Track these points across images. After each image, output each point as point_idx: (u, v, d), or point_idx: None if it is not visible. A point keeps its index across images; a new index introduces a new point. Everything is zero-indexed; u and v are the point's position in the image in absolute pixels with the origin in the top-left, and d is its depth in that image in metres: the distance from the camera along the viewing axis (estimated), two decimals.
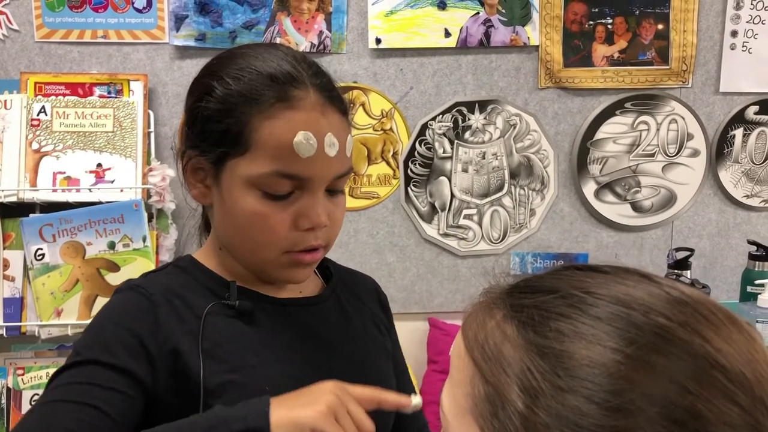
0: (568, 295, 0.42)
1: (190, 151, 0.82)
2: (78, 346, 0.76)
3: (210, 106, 0.78)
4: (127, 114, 1.73)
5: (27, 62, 1.80)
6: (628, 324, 0.40)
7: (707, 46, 1.98)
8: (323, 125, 0.78)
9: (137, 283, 0.81)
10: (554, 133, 1.98)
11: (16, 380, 1.68)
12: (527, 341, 0.41)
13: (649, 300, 0.41)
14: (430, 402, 1.92)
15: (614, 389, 0.37)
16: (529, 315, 0.42)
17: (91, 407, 0.70)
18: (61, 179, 1.69)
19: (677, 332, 0.39)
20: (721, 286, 2.06)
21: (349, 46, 1.89)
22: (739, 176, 2.04)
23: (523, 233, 2.01)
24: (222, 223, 0.82)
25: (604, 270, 0.45)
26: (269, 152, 0.76)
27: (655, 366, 0.38)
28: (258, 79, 0.77)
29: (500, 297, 0.46)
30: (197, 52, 1.85)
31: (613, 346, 0.39)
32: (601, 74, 1.96)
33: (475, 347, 0.44)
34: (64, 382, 0.72)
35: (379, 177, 1.94)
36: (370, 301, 0.98)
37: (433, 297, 2.00)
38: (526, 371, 0.40)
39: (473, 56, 1.93)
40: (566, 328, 0.40)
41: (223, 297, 0.82)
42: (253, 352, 0.80)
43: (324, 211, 0.79)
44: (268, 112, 0.76)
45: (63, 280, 1.63)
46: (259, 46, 0.85)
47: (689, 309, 0.41)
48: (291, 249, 0.80)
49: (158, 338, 0.77)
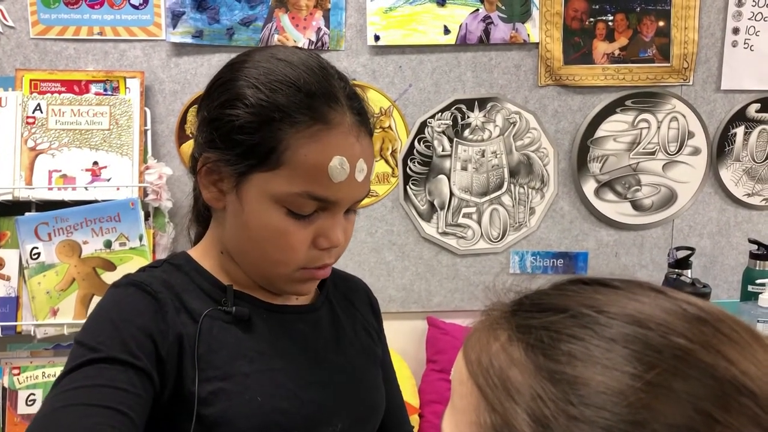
0: (578, 314, 0.40)
1: (210, 153, 0.78)
2: (89, 341, 0.72)
3: (241, 113, 0.75)
4: (124, 111, 1.72)
5: (22, 59, 1.79)
6: (646, 346, 0.37)
7: (708, 43, 1.97)
8: (357, 150, 0.77)
9: (141, 280, 0.79)
10: (554, 131, 1.97)
11: (12, 380, 1.67)
12: (537, 366, 0.38)
13: (666, 318, 0.38)
14: (430, 401, 1.91)
15: (634, 419, 0.34)
16: (537, 337, 0.39)
17: (120, 413, 0.68)
18: (56, 177, 1.67)
19: (699, 354, 0.36)
20: (721, 285, 2.05)
21: (348, 43, 1.88)
22: (740, 175, 2.03)
23: (523, 232, 1.99)
24: (235, 232, 0.80)
25: (615, 285, 0.42)
26: (301, 173, 0.74)
27: (678, 393, 0.35)
28: (296, 95, 0.74)
29: (504, 316, 0.43)
30: (194, 49, 1.83)
31: (631, 371, 0.36)
32: (602, 72, 1.95)
33: (479, 372, 0.41)
34: (88, 382, 0.69)
35: (377, 175, 1.93)
36: (362, 306, 0.97)
37: (432, 296, 1.99)
38: (536, 399, 0.37)
39: (473, 53, 1.91)
40: (579, 351, 0.38)
41: (219, 301, 0.81)
42: (246, 359, 0.79)
43: (342, 232, 0.79)
44: (306, 132, 0.74)
45: (59, 280, 1.62)
46: (289, 51, 0.80)
47: (710, 327, 0.38)
48: (306, 266, 0.79)
49: (168, 340, 0.75)
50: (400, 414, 0.99)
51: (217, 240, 0.84)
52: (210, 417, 0.75)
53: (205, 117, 0.79)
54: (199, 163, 0.80)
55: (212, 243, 0.85)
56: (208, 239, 0.86)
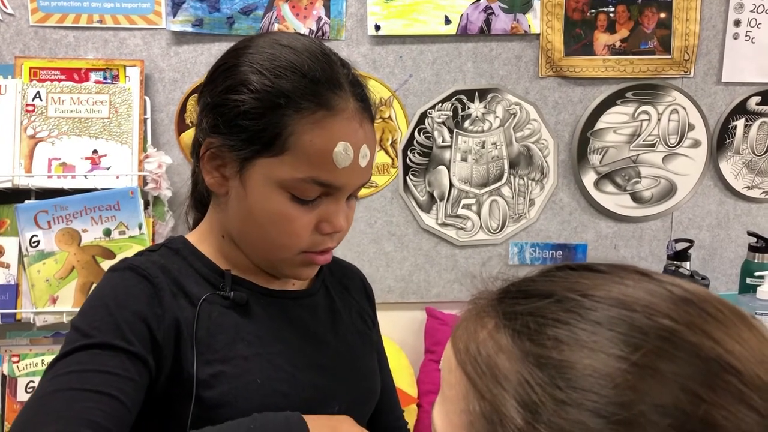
0: (564, 299, 0.40)
1: (214, 138, 0.78)
2: (84, 326, 0.73)
3: (245, 99, 0.75)
4: (124, 100, 1.72)
5: (22, 47, 1.78)
6: (631, 328, 0.37)
7: (710, 35, 1.96)
8: (360, 136, 0.78)
9: (137, 264, 0.79)
10: (554, 123, 1.97)
11: (12, 367, 1.67)
12: (523, 351, 0.38)
13: (651, 300, 0.38)
14: (428, 392, 1.92)
15: (622, 401, 0.35)
16: (523, 323, 0.40)
17: (112, 398, 0.68)
18: (56, 165, 1.67)
19: (684, 335, 0.37)
20: (720, 278, 2.06)
21: (348, 32, 1.87)
22: (740, 167, 2.03)
23: (522, 223, 1.99)
24: (238, 217, 0.80)
25: (600, 269, 0.42)
26: (306, 159, 0.75)
27: (664, 373, 0.35)
28: (301, 81, 0.75)
29: (490, 304, 0.43)
30: (194, 38, 1.83)
31: (617, 353, 0.36)
32: (603, 63, 1.94)
33: (467, 360, 0.41)
34: (80, 367, 0.70)
35: (377, 166, 1.93)
36: (357, 293, 0.98)
37: (430, 287, 1.99)
38: (524, 384, 0.37)
39: (473, 44, 1.91)
40: (564, 335, 0.38)
41: (217, 286, 0.81)
42: (245, 343, 0.79)
43: (345, 217, 0.80)
44: (311, 118, 0.75)
45: (58, 268, 1.62)
46: (291, 37, 0.81)
47: (695, 308, 0.38)
48: (308, 250, 0.80)
49: (164, 324, 0.75)
50: (393, 400, 1.00)
51: (217, 224, 0.84)
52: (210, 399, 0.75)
53: (208, 102, 0.79)
54: (202, 148, 0.80)
55: (212, 227, 0.85)
56: (206, 224, 0.86)
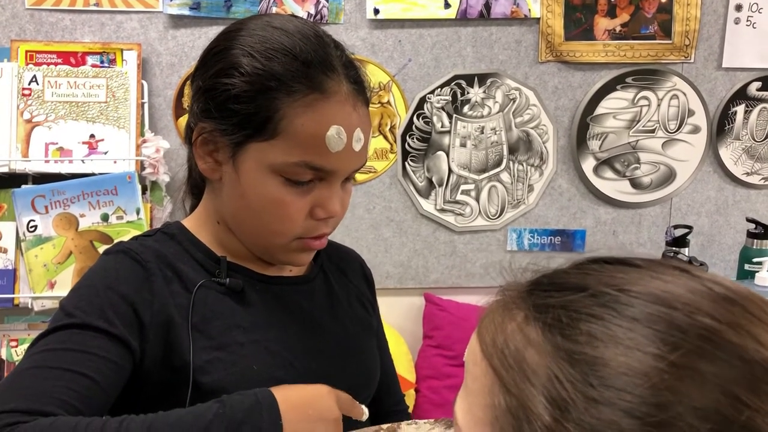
0: (599, 293, 0.38)
1: (206, 123, 0.77)
2: (69, 306, 0.73)
3: (236, 82, 0.74)
4: (121, 84, 1.70)
5: (18, 30, 1.77)
6: (670, 326, 0.35)
7: (711, 20, 1.95)
8: (354, 120, 0.77)
9: (130, 248, 0.79)
10: (554, 108, 1.96)
11: (10, 352, 1.67)
12: (554, 346, 0.37)
13: (691, 298, 0.36)
14: (426, 377, 1.92)
15: (658, 402, 0.33)
16: (555, 316, 0.38)
17: (85, 377, 0.68)
18: (53, 150, 1.66)
19: (727, 335, 0.35)
20: (718, 264, 2.06)
21: (347, 16, 1.86)
22: (739, 153, 2.02)
23: (521, 209, 1.99)
24: (232, 203, 0.80)
25: (637, 263, 0.40)
26: (299, 143, 0.74)
27: (704, 374, 0.33)
28: (292, 64, 0.74)
29: (520, 296, 0.41)
30: (192, 22, 1.81)
31: (654, 351, 0.34)
32: (603, 48, 1.93)
33: (494, 353, 0.39)
34: (57, 346, 0.70)
35: (376, 151, 1.92)
36: (356, 277, 0.97)
37: (429, 272, 1.99)
38: (554, 380, 0.35)
39: (473, 28, 1.90)
40: (599, 331, 0.36)
41: (213, 272, 0.81)
42: (241, 330, 0.79)
43: (339, 202, 0.79)
44: (302, 101, 0.74)
45: (56, 252, 1.62)
46: (284, 19, 0.79)
47: (738, 308, 0.36)
48: (303, 236, 0.80)
49: (152, 308, 0.75)
50: (393, 384, 1.00)
51: (212, 210, 0.84)
52: (206, 385, 0.75)
53: (200, 86, 0.78)
54: (194, 133, 0.79)
55: (207, 214, 0.85)
56: (202, 209, 0.86)
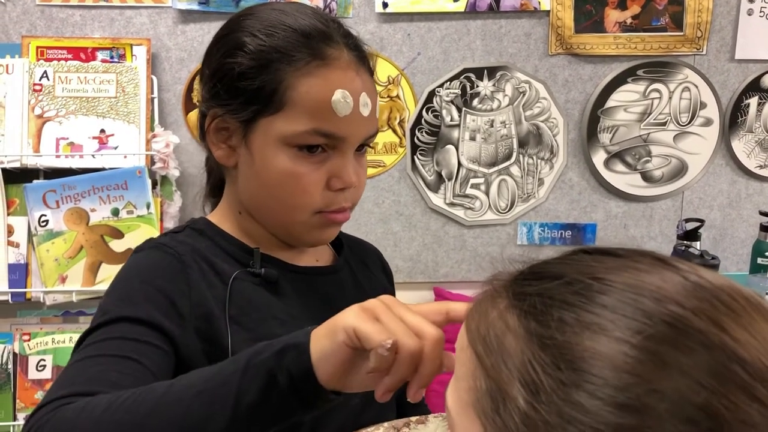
0: (573, 281, 0.39)
1: (216, 109, 0.79)
2: (104, 306, 0.74)
3: (242, 61, 0.76)
4: (130, 79, 1.71)
5: (28, 26, 1.78)
6: (636, 312, 0.36)
7: (723, 11, 1.93)
8: (358, 84, 0.78)
9: (163, 242, 0.79)
10: (564, 101, 1.95)
11: (22, 346, 1.69)
12: (528, 332, 0.38)
13: (662, 286, 0.38)
14: None
15: (621, 384, 0.34)
16: (531, 303, 0.40)
17: (130, 359, 0.68)
18: (64, 145, 1.67)
19: (691, 321, 0.36)
20: (731, 258, 2.04)
21: (356, 10, 1.85)
22: (752, 146, 2.00)
23: (531, 203, 1.98)
24: (249, 185, 0.81)
25: (617, 253, 0.42)
26: (306, 110, 0.76)
27: (666, 359, 0.35)
28: (292, 36, 0.76)
29: (504, 285, 0.43)
30: (201, 16, 1.81)
31: (619, 336, 0.36)
32: (613, 40, 1.91)
33: (477, 339, 0.42)
34: (96, 340, 0.70)
35: (385, 145, 1.92)
36: (377, 269, 0.98)
37: (438, 267, 1.99)
38: (526, 364, 0.37)
39: (482, 21, 1.89)
40: (569, 317, 0.37)
41: (246, 263, 0.81)
42: (278, 321, 0.79)
43: (354, 171, 0.80)
44: (305, 69, 0.76)
45: (67, 247, 1.63)
46: (286, 4, 0.83)
47: (707, 295, 0.37)
48: (322, 209, 0.80)
49: (190, 300, 0.75)
50: None
51: (233, 201, 0.85)
52: None
53: (207, 72, 0.81)
54: (206, 121, 0.81)
55: (229, 206, 0.86)
56: (224, 203, 0.87)
